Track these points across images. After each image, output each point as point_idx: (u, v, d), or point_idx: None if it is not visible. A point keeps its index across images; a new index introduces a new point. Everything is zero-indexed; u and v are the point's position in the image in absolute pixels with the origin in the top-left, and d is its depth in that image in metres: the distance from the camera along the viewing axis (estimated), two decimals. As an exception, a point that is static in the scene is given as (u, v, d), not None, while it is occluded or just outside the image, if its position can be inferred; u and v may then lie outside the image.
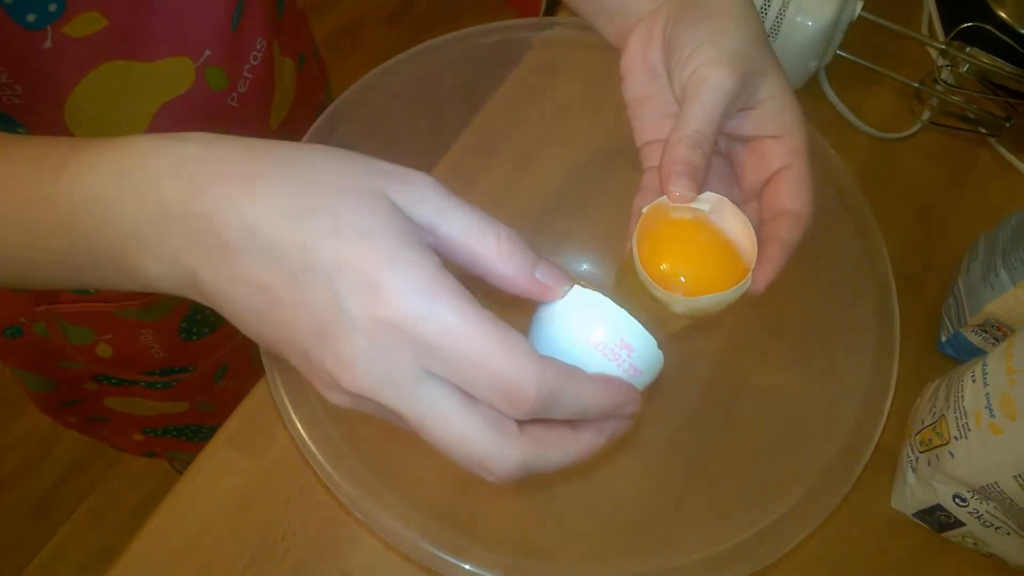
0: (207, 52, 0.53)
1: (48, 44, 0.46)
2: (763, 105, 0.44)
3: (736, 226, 0.43)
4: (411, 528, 0.42)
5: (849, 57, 0.73)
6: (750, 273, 0.41)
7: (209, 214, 0.29)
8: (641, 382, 0.34)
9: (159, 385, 0.81)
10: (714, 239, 0.43)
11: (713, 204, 0.43)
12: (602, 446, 0.33)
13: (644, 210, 0.43)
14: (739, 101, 0.43)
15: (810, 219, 0.44)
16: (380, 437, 0.48)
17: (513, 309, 0.34)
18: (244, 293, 0.29)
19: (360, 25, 1.97)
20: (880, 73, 0.74)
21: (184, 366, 0.80)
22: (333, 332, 0.28)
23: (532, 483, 0.53)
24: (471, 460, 0.30)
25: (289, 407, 0.43)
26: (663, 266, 0.42)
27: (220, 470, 0.53)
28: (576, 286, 0.34)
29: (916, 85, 0.73)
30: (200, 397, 0.86)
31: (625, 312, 0.34)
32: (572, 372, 0.30)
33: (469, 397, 0.29)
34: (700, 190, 0.42)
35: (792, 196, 0.44)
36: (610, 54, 0.49)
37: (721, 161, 0.47)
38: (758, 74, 0.43)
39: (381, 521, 0.41)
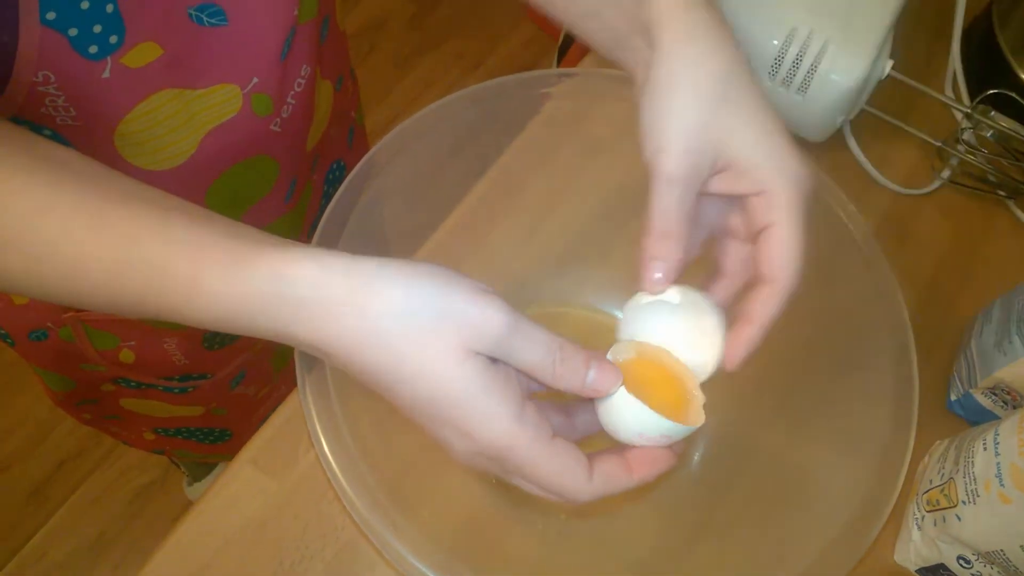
0: (255, 79, 0.54)
1: (106, 74, 0.47)
2: (732, 165, 0.43)
3: (703, 323, 0.44)
4: (425, 561, 0.43)
5: (875, 112, 0.74)
6: (694, 409, 0.44)
7: (335, 352, 0.37)
8: (674, 444, 0.42)
9: (176, 390, 0.82)
10: (662, 376, 0.45)
11: (682, 297, 0.44)
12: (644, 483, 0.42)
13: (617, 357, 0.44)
14: (698, 177, 0.42)
15: (791, 285, 0.43)
16: (402, 468, 0.50)
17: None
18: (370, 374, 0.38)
19: (380, 27, 1.98)
20: (904, 130, 0.75)
21: (203, 373, 0.81)
22: (442, 438, 0.39)
23: (546, 517, 0.54)
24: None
25: (319, 429, 0.44)
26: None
27: (241, 490, 0.54)
28: (622, 390, 0.40)
29: (938, 144, 0.74)
30: (215, 402, 0.88)
31: (661, 418, 0.40)
32: (613, 481, 0.40)
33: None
34: (677, 276, 0.43)
35: (771, 261, 0.43)
36: (628, 102, 0.51)
37: (722, 220, 0.47)
38: (716, 141, 0.42)
39: (396, 551, 0.43)
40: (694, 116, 0.42)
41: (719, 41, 0.43)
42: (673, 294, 0.44)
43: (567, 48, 1.37)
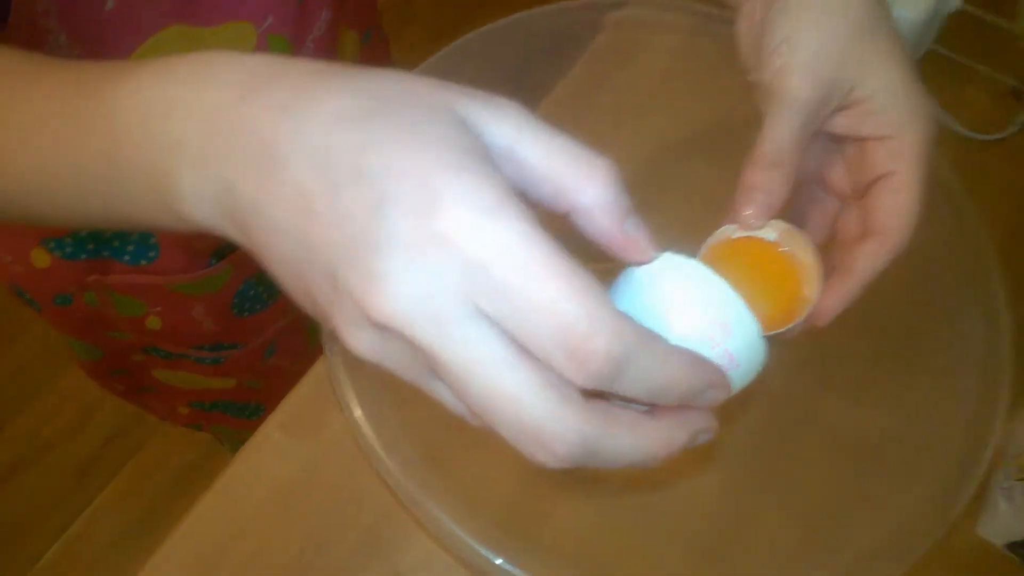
0: (269, 19, 0.50)
1: (110, 5, 0.44)
2: (863, 102, 0.39)
3: (802, 259, 0.40)
4: (466, 530, 0.39)
5: (943, 52, 0.69)
6: (798, 317, 0.38)
7: (262, 120, 0.25)
8: (736, 376, 0.29)
9: (208, 360, 0.80)
10: (774, 267, 0.40)
11: (781, 233, 0.40)
12: (682, 445, 0.27)
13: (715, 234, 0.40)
14: (826, 107, 0.38)
15: (903, 242, 0.39)
16: (440, 426, 0.46)
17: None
18: (280, 207, 0.25)
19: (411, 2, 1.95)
20: (975, 70, 0.70)
21: (234, 342, 0.78)
22: (367, 243, 0.23)
23: (598, 487, 0.50)
24: (522, 429, 0.24)
25: (346, 389, 0.41)
26: None
27: (271, 457, 0.51)
28: (667, 252, 0.28)
29: (1014, 84, 0.68)
30: (248, 374, 0.85)
31: (727, 286, 0.28)
32: (653, 336, 0.25)
33: (523, 349, 0.24)
34: (774, 214, 0.39)
35: (886, 212, 0.39)
36: (686, 38, 0.46)
37: (819, 166, 0.43)
38: (852, 72, 0.38)
39: (436, 520, 0.39)
40: (837, 38, 0.38)
41: None
42: (769, 231, 0.39)
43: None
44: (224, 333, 0.76)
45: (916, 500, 0.41)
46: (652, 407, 0.27)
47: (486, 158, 0.25)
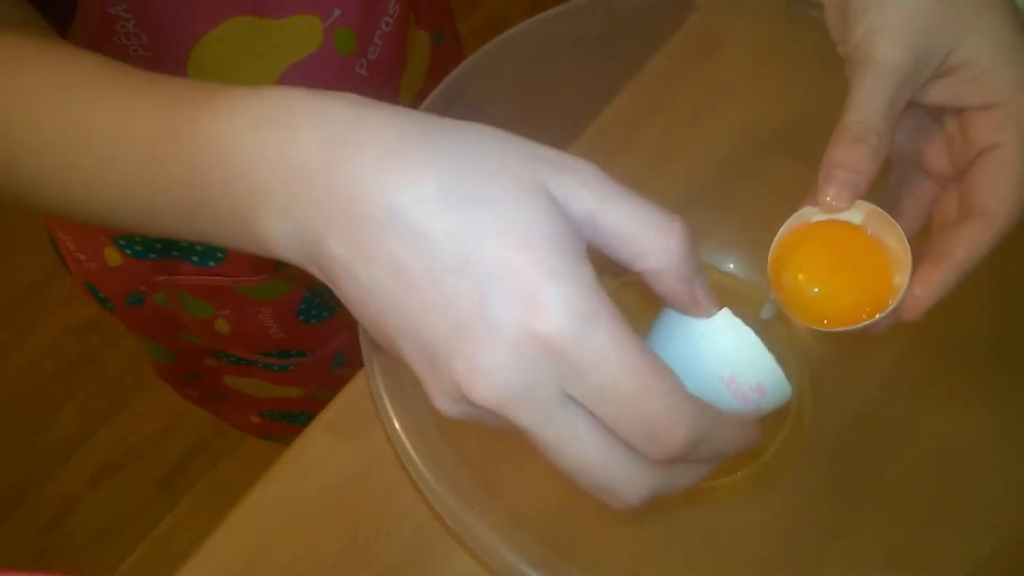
0: (336, 11, 0.50)
1: (177, -8, 0.43)
2: (963, 68, 0.35)
3: (890, 244, 0.36)
4: (509, 546, 0.37)
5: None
6: (891, 304, 0.35)
7: (353, 183, 0.26)
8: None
9: (276, 367, 0.80)
10: (858, 253, 0.36)
11: (867, 215, 0.36)
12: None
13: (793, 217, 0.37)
14: (920, 74, 0.35)
15: (1009, 223, 0.35)
16: (482, 439, 0.43)
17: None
18: (375, 274, 0.27)
19: (503, 21, 1.96)
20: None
21: (301, 350, 0.78)
22: (473, 337, 0.26)
23: (651, 506, 0.47)
24: (602, 488, 0.28)
25: (386, 399, 0.39)
26: (799, 276, 0.36)
27: (316, 457, 0.50)
28: (726, 310, 0.31)
29: None
30: (316, 384, 0.85)
31: (768, 354, 0.31)
32: (723, 418, 0.28)
33: (605, 427, 0.27)
34: (860, 195, 0.35)
35: (988, 189, 0.35)
36: (778, 24, 0.43)
37: (914, 144, 0.39)
38: (950, 34, 0.34)
39: (477, 535, 0.37)
40: None
41: None
42: (854, 213, 0.35)
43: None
44: (291, 340, 0.75)
45: (1015, 535, 0.36)
46: None
47: (576, 252, 0.26)
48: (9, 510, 1.52)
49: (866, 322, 0.34)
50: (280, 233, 0.28)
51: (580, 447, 0.27)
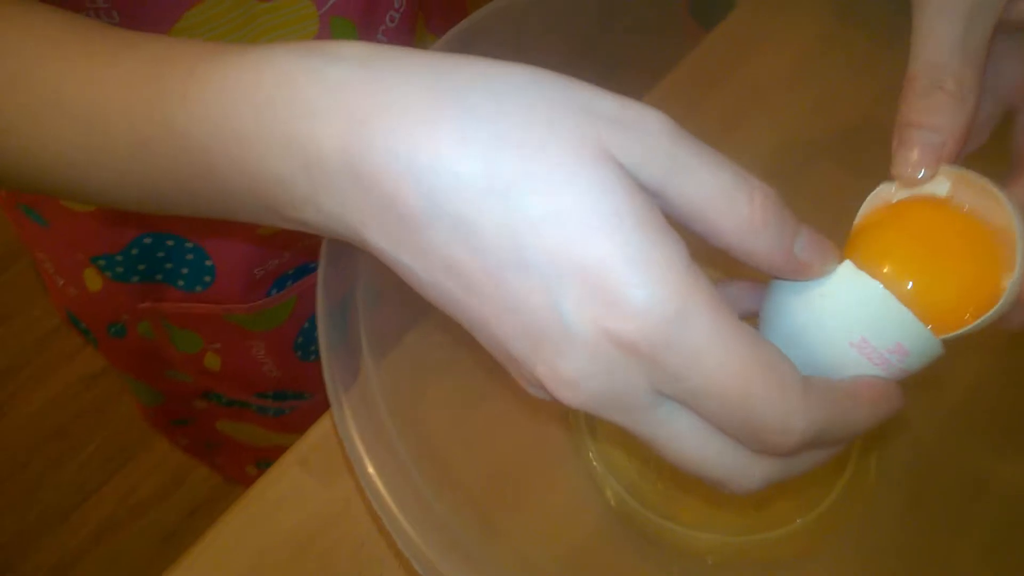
0: (333, -2, 0.45)
1: (149, -40, 0.39)
2: None
3: (994, 220, 0.29)
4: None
5: None
6: (992, 308, 0.28)
7: (383, 172, 0.23)
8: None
9: (272, 411, 0.75)
10: (952, 237, 0.29)
11: (954, 183, 0.29)
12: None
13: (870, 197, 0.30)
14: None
15: None
16: (487, 479, 0.37)
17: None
18: (429, 271, 0.24)
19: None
20: None
21: (299, 391, 0.73)
22: (548, 343, 0.23)
23: (687, 564, 0.40)
24: (714, 479, 0.25)
25: (357, 445, 0.33)
26: (885, 269, 0.28)
27: (286, 495, 0.43)
28: (847, 263, 0.26)
29: None
30: (315, 430, 0.79)
31: (905, 309, 0.26)
32: (844, 405, 0.25)
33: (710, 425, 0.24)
34: (949, 159, 0.28)
35: None
36: (820, 19, 0.37)
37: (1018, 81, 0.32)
38: None
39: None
40: None
41: None
42: (941, 182, 0.29)
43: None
44: (287, 379, 0.70)
45: None
46: None
47: (662, 232, 0.22)
48: (6, 568, 1.47)
49: (970, 325, 0.27)
50: (312, 220, 0.25)
51: (683, 445, 0.25)
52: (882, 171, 0.31)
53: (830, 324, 0.27)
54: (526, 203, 0.22)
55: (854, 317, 0.26)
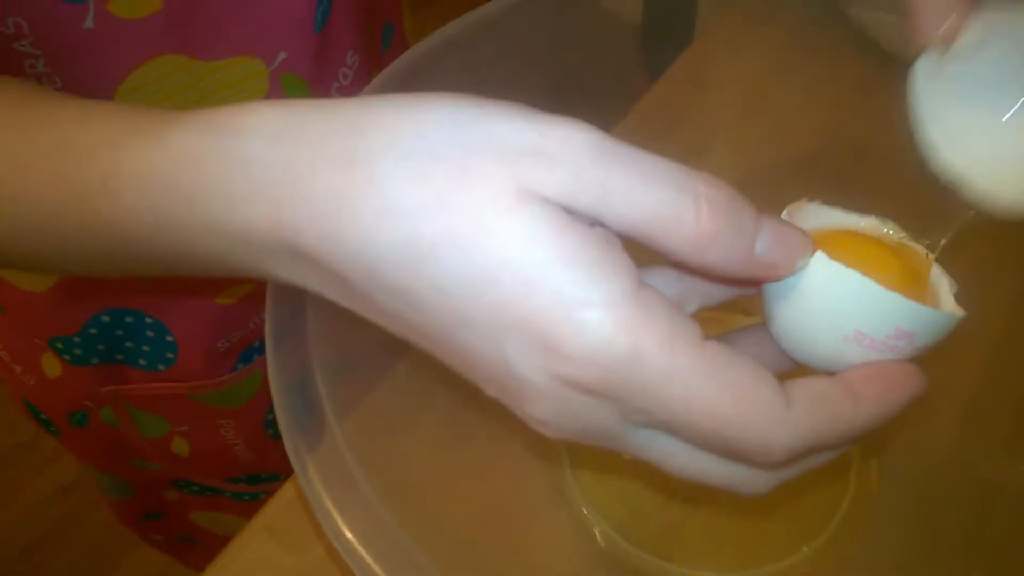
0: (282, 54, 0.45)
1: (89, 23, 0.39)
2: None
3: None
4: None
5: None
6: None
7: (314, 253, 0.23)
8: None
9: (247, 496, 0.71)
10: (883, 245, 0.29)
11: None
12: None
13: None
14: None
15: None
16: (474, 524, 0.35)
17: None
18: (392, 326, 0.24)
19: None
20: None
21: (274, 472, 0.69)
22: (511, 392, 0.23)
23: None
24: (718, 487, 0.25)
25: (328, 509, 0.30)
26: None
27: (252, 565, 0.40)
28: (819, 254, 0.25)
29: None
30: (293, 515, 0.75)
31: (892, 293, 0.24)
32: (839, 409, 0.23)
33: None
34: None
35: None
36: (770, 51, 0.37)
37: None
38: None
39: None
40: None
41: None
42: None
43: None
44: (261, 460, 0.67)
45: None
46: None
47: (601, 265, 0.21)
48: None
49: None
50: (270, 278, 0.25)
51: (679, 462, 0.24)
52: (845, 188, 0.31)
53: (820, 322, 0.25)
54: (452, 266, 0.21)
55: (841, 312, 0.25)
